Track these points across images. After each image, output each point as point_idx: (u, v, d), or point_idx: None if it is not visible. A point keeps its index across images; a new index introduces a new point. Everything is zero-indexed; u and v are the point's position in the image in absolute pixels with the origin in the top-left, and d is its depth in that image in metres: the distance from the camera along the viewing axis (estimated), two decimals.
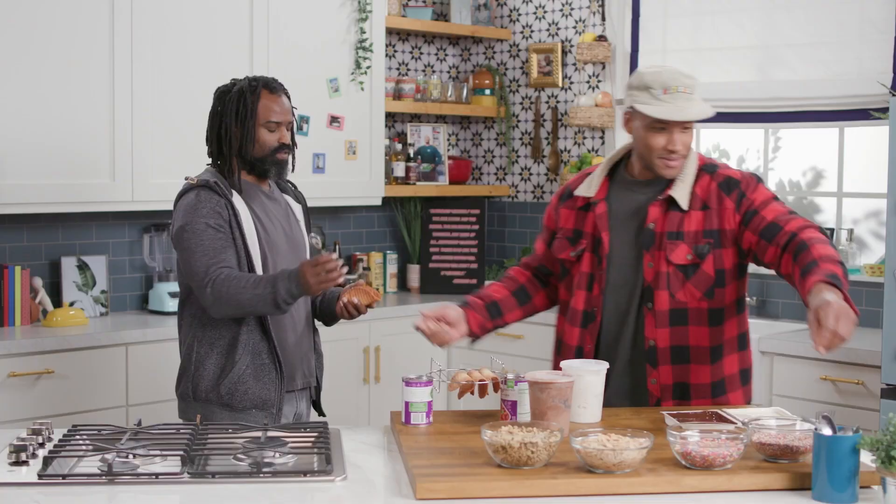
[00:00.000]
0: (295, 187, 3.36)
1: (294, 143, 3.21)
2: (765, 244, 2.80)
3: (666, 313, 2.88)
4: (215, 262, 2.99)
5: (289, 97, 3.19)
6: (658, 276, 2.88)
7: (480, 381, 2.77)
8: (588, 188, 3.02)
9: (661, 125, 2.85)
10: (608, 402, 2.85)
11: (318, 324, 3.34)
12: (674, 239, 2.88)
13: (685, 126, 2.86)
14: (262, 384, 3.05)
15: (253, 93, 3.11)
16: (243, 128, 3.11)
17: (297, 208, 3.30)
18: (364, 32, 5.13)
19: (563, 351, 3.04)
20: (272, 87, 3.15)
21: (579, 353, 2.97)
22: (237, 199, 3.08)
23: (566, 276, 3.06)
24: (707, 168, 2.93)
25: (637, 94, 2.88)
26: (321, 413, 3.33)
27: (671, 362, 2.89)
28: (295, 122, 3.23)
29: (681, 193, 2.89)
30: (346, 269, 2.99)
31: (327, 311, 3.26)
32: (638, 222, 2.94)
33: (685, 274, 2.87)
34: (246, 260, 3.05)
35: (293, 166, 3.22)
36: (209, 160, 3.21)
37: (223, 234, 3.02)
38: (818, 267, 2.60)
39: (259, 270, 3.07)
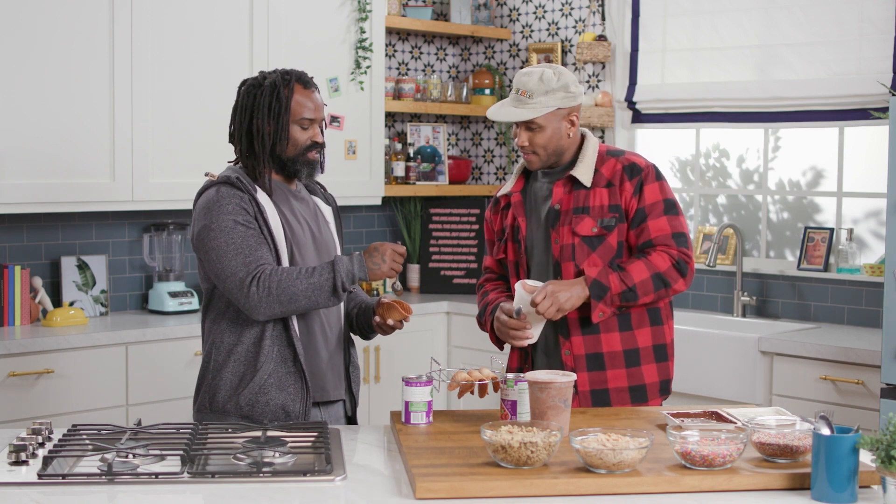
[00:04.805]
0: (324, 189, 3.16)
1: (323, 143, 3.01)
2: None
3: None
4: (253, 259, 2.76)
5: (320, 92, 3.00)
6: (563, 250, 3.03)
7: (480, 380, 2.78)
8: (506, 187, 3.20)
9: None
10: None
11: (354, 337, 3.15)
12: (580, 213, 3.04)
13: (526, 125, 3.00)
14: (285, 394, 2.83)
15: (286, 87, 2.90)
16: (277, 125, 2.88)
17: (327, 210, 3.10)
18: (364, 32, 5.13)
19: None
20: (305, 81, 2.95)
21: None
22: (262, 196, 2.87)
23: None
24: (612, 153, 3.10)
25: None
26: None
27: (581, 332, 3.02)
28: (325, 120, 3.00)
29: (582, 174, 3.04)
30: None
31: (364, 325, 3.07)
32: (547, 205, 3.10)
33: (590, 246, 3.03)
34: (275, 259, 2.84)
35: (323, 167, 3.01)
36: (232, 158, 3.00)
37: (254, 231, 2.80)
38: (608, 269, 2.94)
39: None
